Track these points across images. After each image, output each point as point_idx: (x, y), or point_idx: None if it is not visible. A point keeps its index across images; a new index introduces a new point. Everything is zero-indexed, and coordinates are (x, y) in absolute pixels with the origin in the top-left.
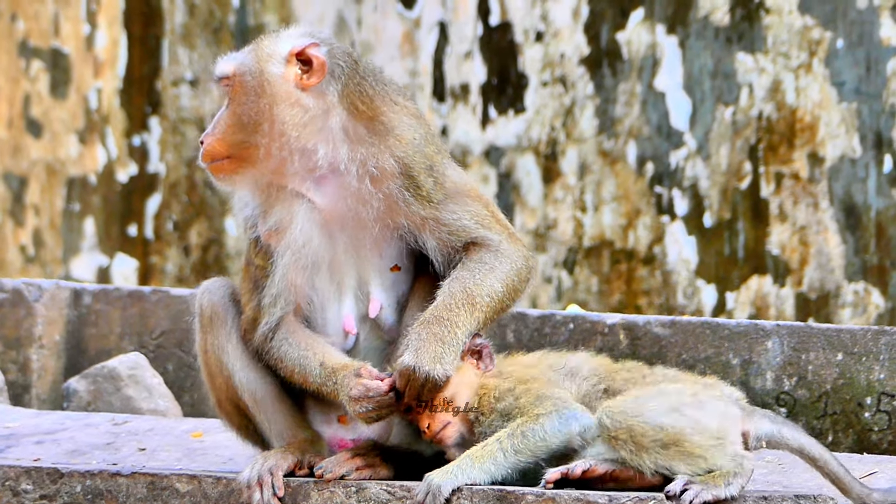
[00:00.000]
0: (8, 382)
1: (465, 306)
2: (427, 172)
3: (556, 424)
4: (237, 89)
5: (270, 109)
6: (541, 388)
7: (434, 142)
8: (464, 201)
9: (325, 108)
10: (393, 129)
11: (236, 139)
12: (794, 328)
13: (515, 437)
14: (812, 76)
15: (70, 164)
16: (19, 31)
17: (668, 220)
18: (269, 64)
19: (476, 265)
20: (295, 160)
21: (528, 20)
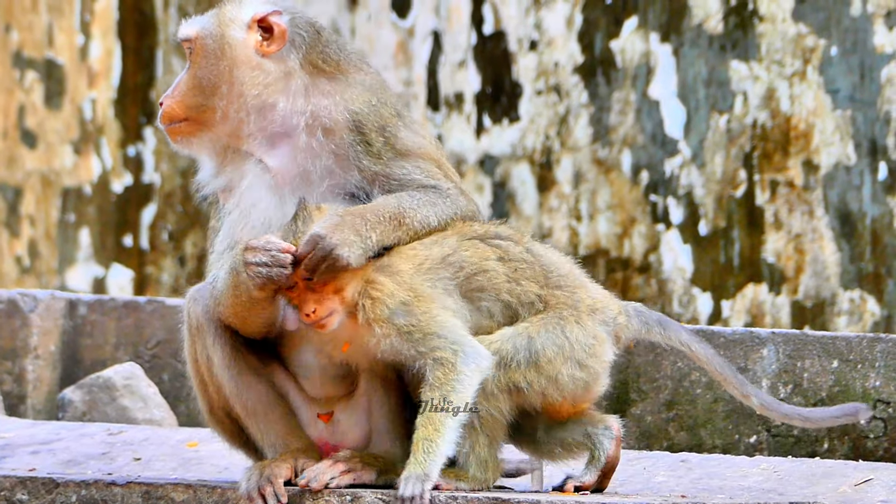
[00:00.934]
0: (3, 393)
1: (391, 220)
2: (379, 132)
3: (467, 369)
4: (198, 52)
5: (230, 73)
6: (436, 314)
7: (391, 105)
8: (415, 160)
9: (286, 73)
10: (349, 86)
11: (195, 102)
12: (789, 336)
13: (448, 397)
14: (806, 84)
15: (65, 175)
16: (13, 41)
17: (664, 228)
18: (229, 28)
19: (420, 195)
20: (251, 121)
21: (522, 29)
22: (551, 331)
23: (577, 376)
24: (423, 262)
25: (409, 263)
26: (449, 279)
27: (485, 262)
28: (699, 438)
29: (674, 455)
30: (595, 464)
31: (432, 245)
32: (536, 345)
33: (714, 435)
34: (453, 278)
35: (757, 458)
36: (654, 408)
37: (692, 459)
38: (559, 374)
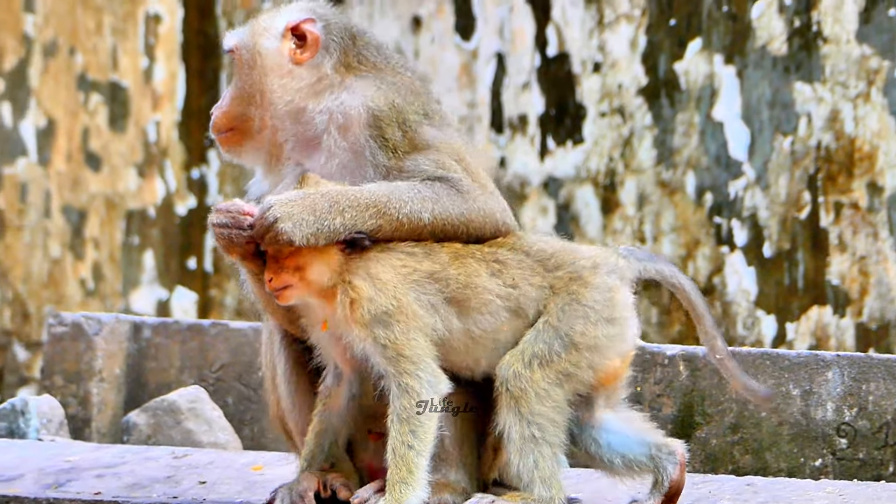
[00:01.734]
0: (68, 416)
1: (368, 208)
2: (397, 127)
3: (430, 399)
4: (238, 63)
5: (263, 81)
6: (412, 336)
7: (418, 104)
8: (430, 152)
9: (318, 78)
10: (377, 85)
11: (237, 111)
12: (854, 359)
13: (417, 432)
14: (870, 105)
15: (129, 198)
16: (78, 64)
17: (728, 250)
18: (263, 38)
19: (422, 187)
20: (286, 128)
21: (586, 51)
22: (569, 310)
23: (612, 332)
24: (410, 273)
25: (395, 273)
26: (436, 293)
27: (473, 278)
28: (764, 462)
29: (739, 479)
30: (659, 488)
31: (423, 258)
32: (563, 329)
33: (779, 458)
34: (439, 292)
35: (822, 482)
36: (718, 431)
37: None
38: (597, 340)
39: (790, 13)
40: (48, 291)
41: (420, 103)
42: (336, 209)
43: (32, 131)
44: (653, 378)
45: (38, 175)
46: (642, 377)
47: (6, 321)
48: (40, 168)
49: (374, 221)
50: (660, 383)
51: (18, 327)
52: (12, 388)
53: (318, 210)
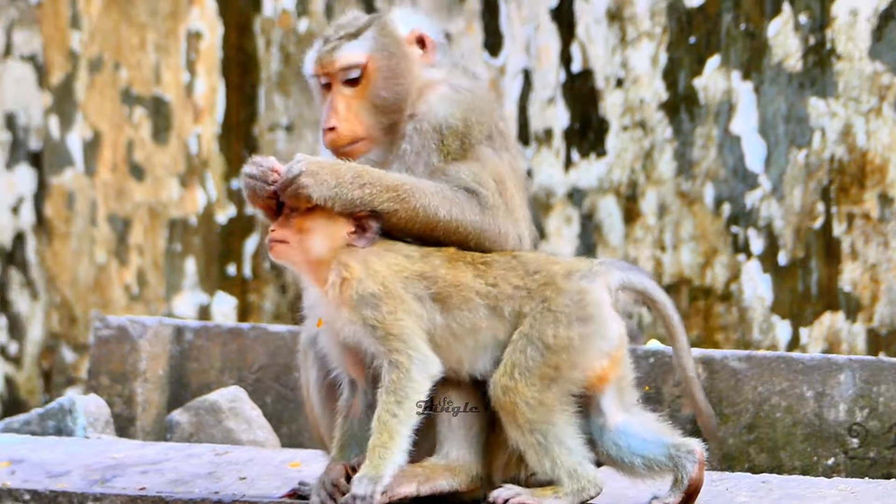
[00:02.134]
0: (114, 415)
1: (389, 190)
2: (457, 138)
3: (419, 376)
4: (372, 73)
5: (409, 88)
6: (401, 316)
7: (487, 125)
8: (474, 165)
9: (428, 81)
10: (456, 91)
11: (374, 120)
12: (865, 362)
13: (402, 403)
14: (882, 120)
15: (171, 207)
16: (122, 79)
17: (745, 258)
18: (403, 46)
19: (448, 190)
20: (403, 128)
21: (609, 67)
22: (540, 317)
23: (586, 331)
24: (401, 270)
25: (387, 268)
26: (422, 289)
27: (459, 279)
28: (779, 460)
29: (755, 476)
30: (679, 486)
31: (417, 261)
32: (535, 335)
33: (793, 457)
34: (426, 289)
35: (834, 480)
36: (735, 431)
37: (773, 481)
38: (571, 341)
39: (805, 31)
40: (94, 296)
41: (489, 124)
42: (358, 181)
43: (79, 143)
44: (672, 380)
45: (84, 185)
46: (662, 379)
47: (55, 324)
48: (87, 178)
49: (391, 205)
50: (678, 385)
51: (66, 330)
52: (60, 389)
53: (342, 177)
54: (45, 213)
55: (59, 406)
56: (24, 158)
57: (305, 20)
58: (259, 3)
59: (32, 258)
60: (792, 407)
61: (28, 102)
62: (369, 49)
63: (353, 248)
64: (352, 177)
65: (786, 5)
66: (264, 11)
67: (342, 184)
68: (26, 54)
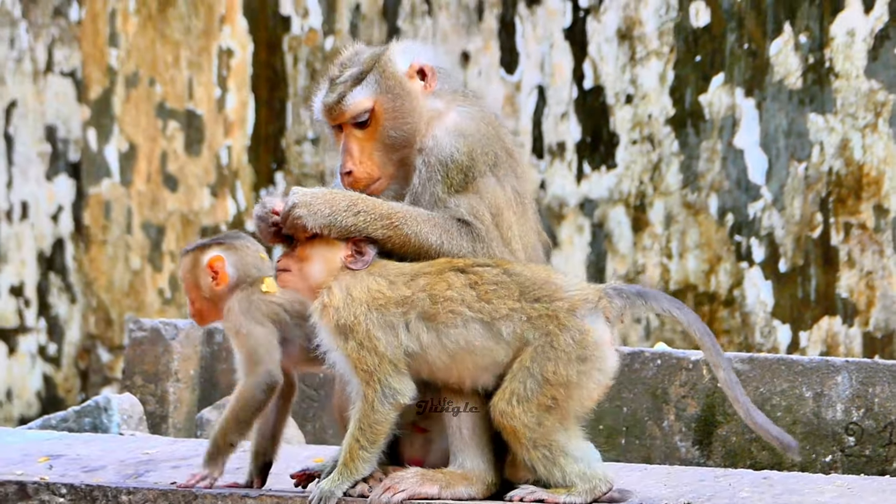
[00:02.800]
0: (147, 413)
1: (382, 218)
2: (462, 172)
3: (383, 408)
4: (381, 115)
5: (411, 122)
6: (371, 347)
7: (492, 154)
8: (472, 198)
9: (431, 110)
10: (461, 123)
11: (386, 158)
12: (861, 364)
13: (365, 431)
14: (877, 135)
15: (203, 215)
16: (157, 94)
17: (747, 266)
18: (406, 83)
19: (443, 220)
20: (412, 159)
21: (619, 84)
22: (542, 352)
23: (585, 369)
24: (379, 298)
25: (367, 294)
26: (399, 315)
27: (447, 291)
28: (779, 457)
29: (757, 472)
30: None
31: (400, 286)
32: (535, 370)
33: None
34: (403, 315)
35: (832, 476)
36: (738, 429)
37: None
38: (569, 377)
39: (805, 51)
40: (129, 300)
41: (493, 151)
42: (352, 210)
43: (116, 155)
44: (678, 381)
45: (120, 194)
46: (668, 380)
47: (91, 327)
48: (123, 188)
49: (385, 231)
50: (685, 385)
51: (102, 332)
52: (96, 388)
53: (336, 205)
54: (83, 221)
55: (94, 404)
56: (63, 169)
57: (331, 38)
58: (287, 22)
59: (71, 264)
60: (792, 407)
61: (67, 116)
62: (374, 93)
63: (348, 272)
64: (346, 205)
65: (787, 26)
66: (292, 30)
67: (336, 212)
68: (66, 70)
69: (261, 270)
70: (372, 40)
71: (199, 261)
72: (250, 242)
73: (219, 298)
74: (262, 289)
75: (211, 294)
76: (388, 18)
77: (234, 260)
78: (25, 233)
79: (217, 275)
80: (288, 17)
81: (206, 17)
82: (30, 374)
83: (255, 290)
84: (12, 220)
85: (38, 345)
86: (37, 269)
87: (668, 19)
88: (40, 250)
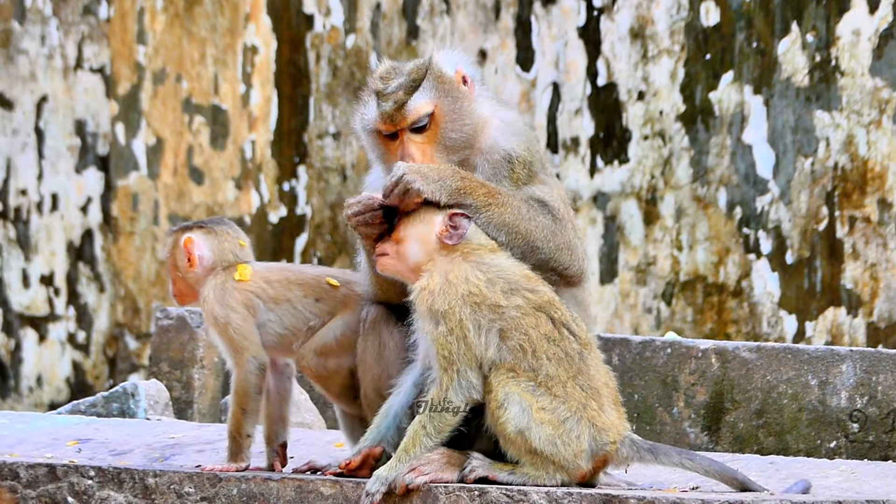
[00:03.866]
0: (173, 399)
1: (484, 186)
2: (524, 167)
3: (456, 399)
4: (439, 119)
5: (475, 124)
6: (456, 342)
7: (540, 154)
8: (545, 187)
9: (479, 114)
10: (513, 128)
11: (446, 160)
12: (865, 353)
13: (434, 419)
14: (882, 131)
15: (227, 207)
16: (183, 90)
17: (755, 257)
18: (459, 88)
19: (523, 196)
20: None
21: (632, 81)
22: (542, 411)
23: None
24: (476, 294)
25: (465, 285)
26: (487, 321)
27: (531, 329)
28: (785, 443)
29: (763, 458)
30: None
31: (497, 292)
32: (533, 424)
33: (799, 440)
34: (491, 322)
35: (836, 461)
36: (745, 416)
37: (780, 461)
38: (545, 438)
39: (812, 49)
40: (156, 289)
41: (540, 154)
42: (458, 174)
43: (143, 148)
44: (688, 369)
45: (147, 187)
46: (678, 368)
47: (119, 315)
48: (150, 181)
49: (486, 199)
50: (694, 373)
51: (130, 320)
52: (124, 374)
53: (442, 172)
54: (111, 213)
55: (122, 390)
56: (92, 162)
57: (353, 36)
58: (310, 21)
59: (99, 254)
60: (798, 394)
61: (97, 111)
62: (433, 97)
63: (447, 255)
64: (451, 171)
65: (794, 25)
66: (315, 28)
67: (444, 177)
68: (95, 66)
69: (238, 257)
70: (392, 39)
71: (177, 241)
72: (232, 229)
73: (195, 280)
74: (234, 276)
75: (185, 275)
76: (407, 17)
77: (211, 244)
78: (55, 224)
79: (191, 256)
80: (311, 15)
81: (232, 16)
82: (59, 360)
83: (230, 277)
84: (42, 211)
85: (67, 332)
86: (66, 259)
87: (679, 19)
88: (70, 241)
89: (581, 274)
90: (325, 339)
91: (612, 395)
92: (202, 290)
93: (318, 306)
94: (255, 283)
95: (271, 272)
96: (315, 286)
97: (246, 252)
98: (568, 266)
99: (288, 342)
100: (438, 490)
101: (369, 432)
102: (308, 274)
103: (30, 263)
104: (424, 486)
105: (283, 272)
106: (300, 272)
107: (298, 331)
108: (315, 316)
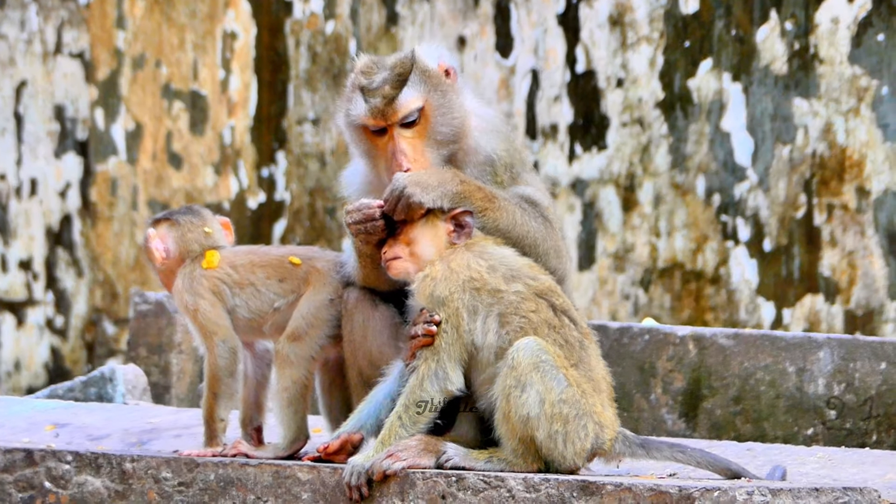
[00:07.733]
0: (151, 383)
1: (481, 190)
2: (506, 169)
3: (432, 388)
4: (429, 113)
5: (461, 117)
6: (445, 332)
7: (522, 154)
8: (529, 188)
9: (469, 106)
10: (493, 128)
11: (436, 154)
12: (842, 340)
13: (409, 409)
14: (860, 119)
15: (206, 193)
16: (163, 75)
17: (733, 245)
18: (444, 81)
19: (514, 198)
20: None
21: (610, 68)
22: (562, 403)
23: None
24: (476, 279)
25: (467, 270)
26: (486, 304)
27: (531, 312)
28: (763, 430)
29: (741, 444)
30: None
31: (499, 278)
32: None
33: (776, 427)
34: (489, 305)
35: (813, 448)
36: (723, 402)
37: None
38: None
39: (790, 37)
40: (134, 274)
41: (520, 151)
42: (456, 179)
43: (122, 134)
44: (665, 356)
45: (126, 172)
46: (656, 355)
47: (97, 300)
48: (129, 166)
49: (483, 203)
50: (672, 360)
51: (108, 305)
52: (102, 359)
53: (441, 177)
54: (90, 198)
55: (100, 374)
56: (71, 147)
57: (332, 22)
58: (290, 7)
59: (78, 239)
60: (775, 381)
61: (76, 96)
62: (422, 91)
63: (455, 248)
64: (450, 176)
65: (773, 13)
66: (294, 14)
67: (444, 182)
68: (75, 52)
69: (203, 246)
70: (371, 25)
71: (147, 236)
72: (197, 218)
73: (169, 270)
74: (202, 264)
75: (158, 267)
76: (387, 4)
77: (174, 236)
78: (34, 209)
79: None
80: (290, 1)
81: (211, 1)
82: (37, 345)
83: (198, 266)
84: (21, 196)
85: (45, 317)
86: (45, 244)
87: (658, 6)
88: (48, 226)
89: (565, 275)
90: (294, 323)
91: (609, 390)
92: (175, 279)
93: (281, 286)
94: (222, 269)
95: (237, 256)
96: (278, 266)
97: (213, 239)
98: (555, 269)
99: (257, 325)
100: (416, 476)
101: (351, 418)
102: (272, 255)
103: (8, 248)
104: (402, 472)
105: (249, 255)
106: (265, 254)
107: (265, 313)
108: (279, 296)
